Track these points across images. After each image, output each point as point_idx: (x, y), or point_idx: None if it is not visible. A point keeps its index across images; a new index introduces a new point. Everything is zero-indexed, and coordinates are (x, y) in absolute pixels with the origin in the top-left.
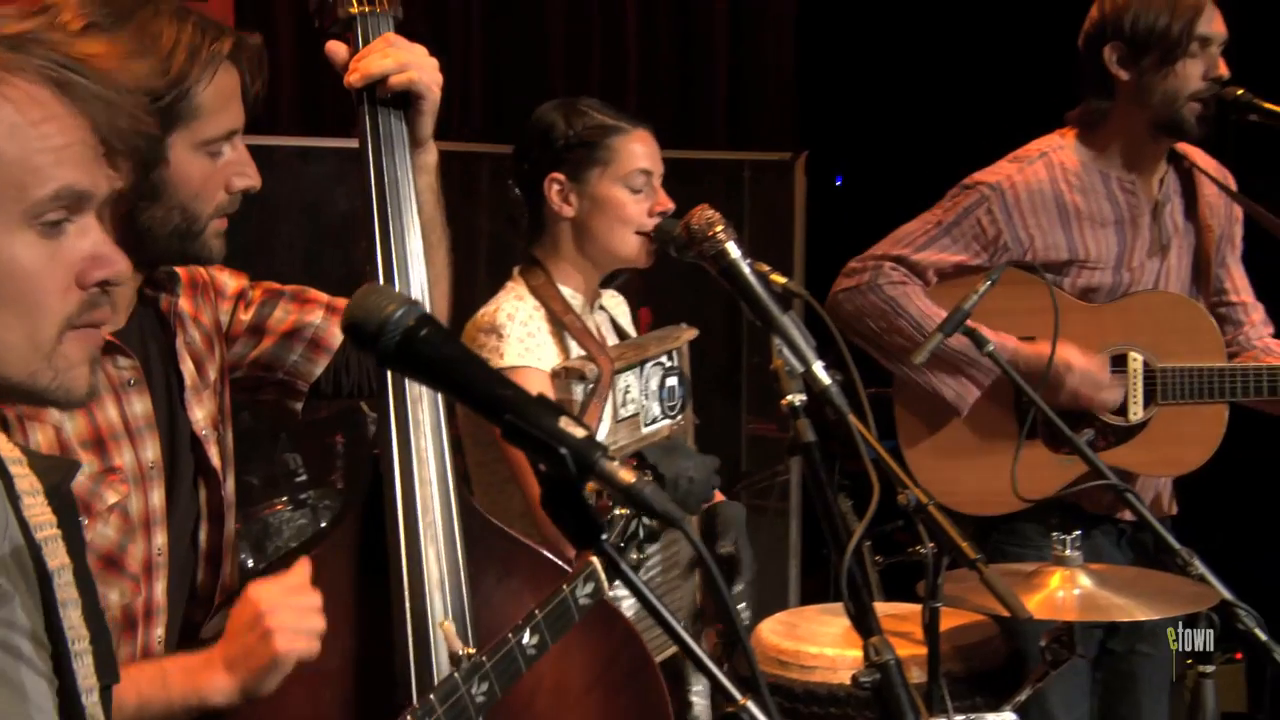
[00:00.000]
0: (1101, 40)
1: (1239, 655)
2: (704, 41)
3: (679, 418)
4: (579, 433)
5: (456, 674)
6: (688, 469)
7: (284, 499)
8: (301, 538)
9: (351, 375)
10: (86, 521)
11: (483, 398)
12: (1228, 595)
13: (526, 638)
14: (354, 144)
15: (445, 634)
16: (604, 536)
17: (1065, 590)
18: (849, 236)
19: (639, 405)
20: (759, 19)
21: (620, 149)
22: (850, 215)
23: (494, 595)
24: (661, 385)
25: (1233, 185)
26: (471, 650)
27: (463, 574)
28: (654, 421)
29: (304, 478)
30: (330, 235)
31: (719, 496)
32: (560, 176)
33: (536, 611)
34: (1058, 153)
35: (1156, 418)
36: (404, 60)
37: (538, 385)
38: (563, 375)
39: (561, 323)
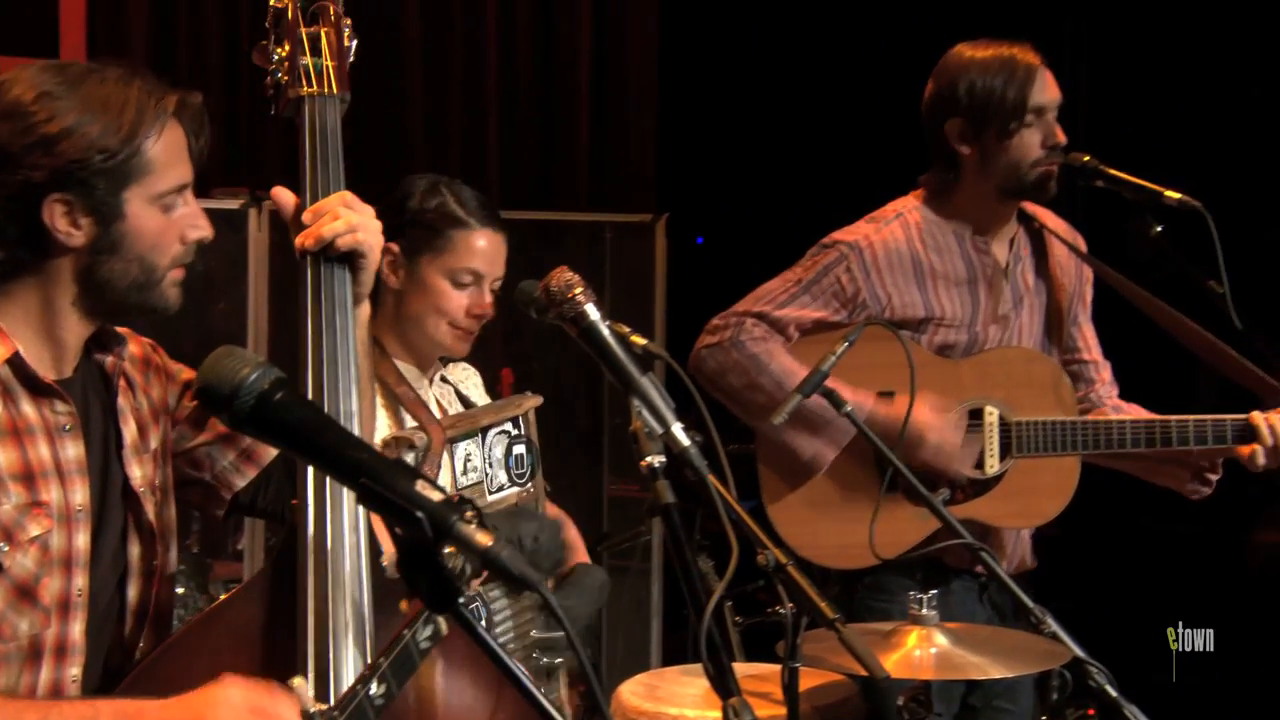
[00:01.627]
0: (942, 116)
1: (1091, 711)
2: (565, 103)
3: (528, 485)
4: (435, 496)
5: None
6: (531, 531)
7: None
8: None
9: (268, 495)
10: (7, 549)
11: (338, 462)
12: (1080, 653)
13: (374, 688)
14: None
15: (297, 690)
16: (460, 600)
17: (922, 649)
18: (710, 297)
19: (482, 473)
20: (621, 81)
21: (458, 242)
22: (711, 276)
23: None
24: (508, 453)
25: (1082, 246)
26: (323, 707)
27: (369, 628)
28: (500, 489)
29: None
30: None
31: (583, 558)
32: (394, 247)
33: (381, 660)
34: (913, 213)
35: (1012, 470)
36: (354, 222)
37: None
38: (393, 444)
39: (395, 394)
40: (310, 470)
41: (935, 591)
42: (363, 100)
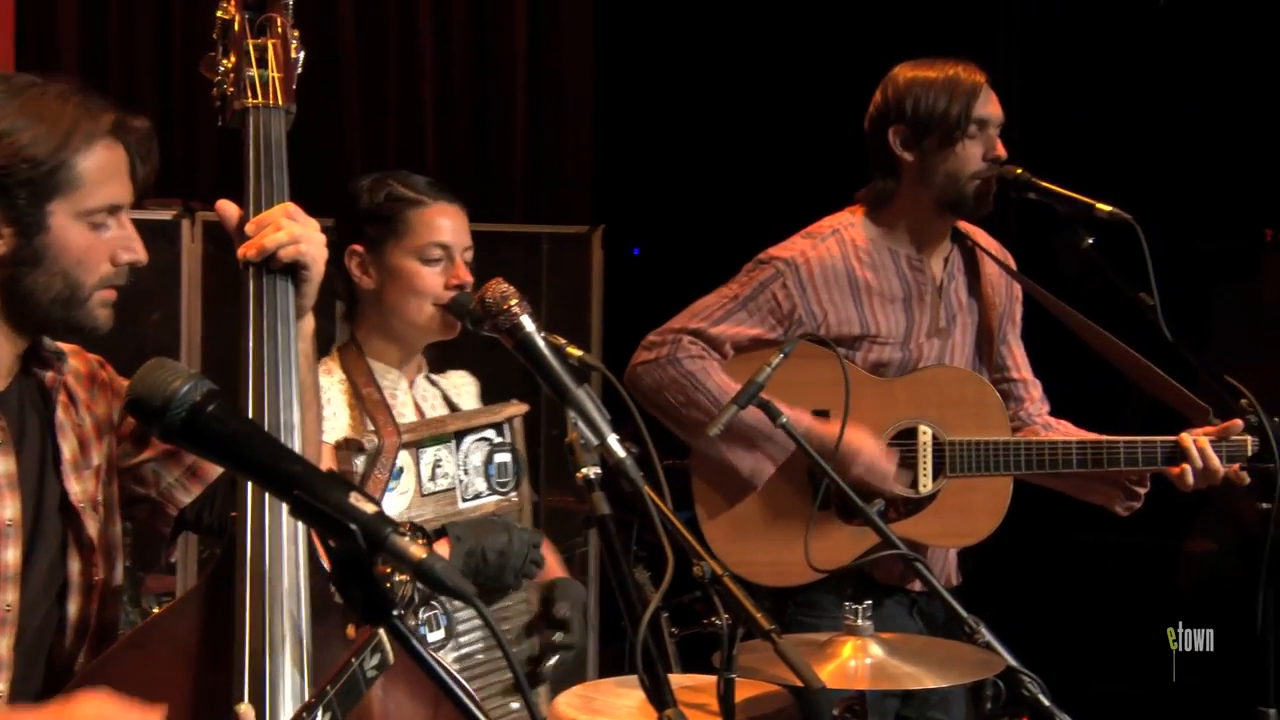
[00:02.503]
0: (885, 123)
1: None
2: (501, 113)
3: (511, 494)
4: (369, 508)
5: None
6: (498, 543)
7: None
8: None
9: (214, 512)
10: None
11: (271, 473)
12: (1012, 662)
13: (320, 716)
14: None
15: (241, 716)
16: (395, 612)
17: (857, 660)
18: (646, 309)
19: (455, 480)
20: (557, 92)
21: (416, 221)
22: (647, 288)
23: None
24: (489, 461)
25: (1013, 265)
26: None
27: (306, 644)
28: (476, 497)
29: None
30: None
31: (558, 572)
32: (359, 249)
33: (328, 689)
34: (849, 230)
35: (946, 490)
36: (296, 234)
37: (322, 459)
38: (344, 446)
39: (361, 395)
40: (246, 484)
41: (869, 602)
42: (298, 109)
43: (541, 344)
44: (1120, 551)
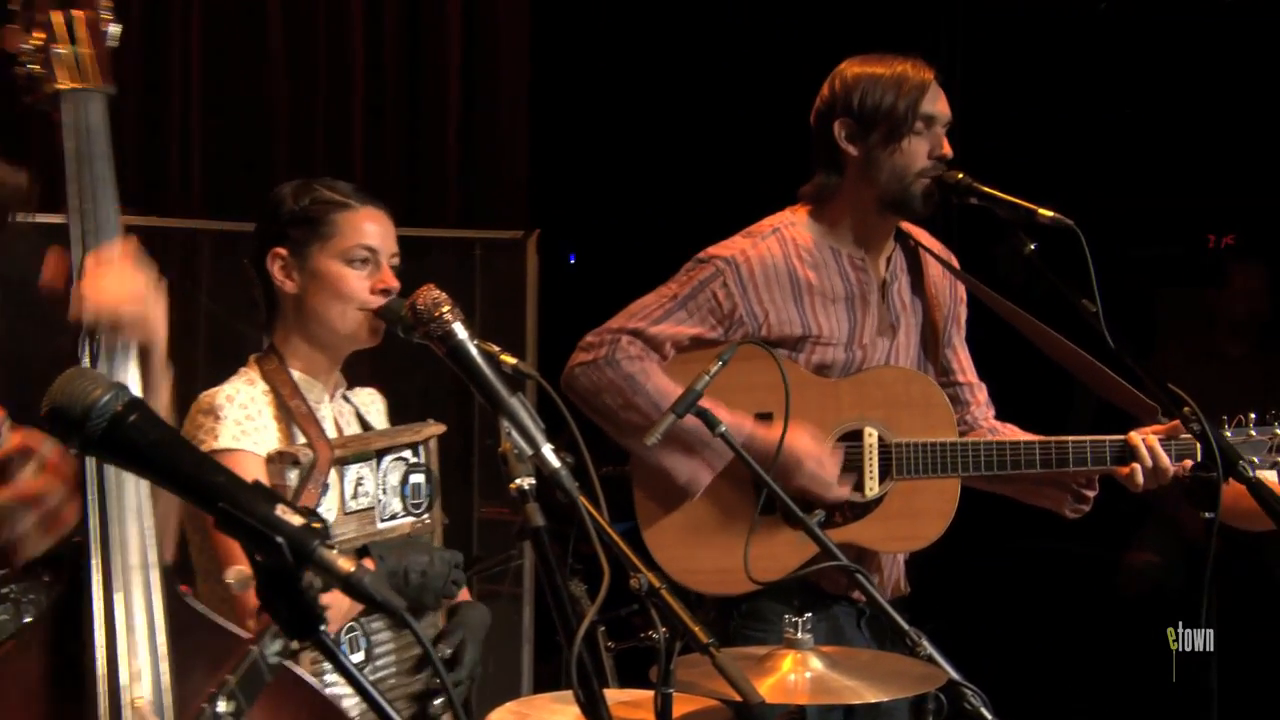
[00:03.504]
0: (831, 116)
1: None
2: (434, 114)
3: (425, 516)
4: (296, 520)
5: None
6: (419, 564)
7: None
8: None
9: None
10: None
11: (195, 485)
12: (955, 675)
13: (221, 706)
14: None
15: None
16: (321, 627)
17: (797, 673)
18: (582, 317)
19: (374, 499)
20: (491, 93)
21: (342, 224)
22: (583, 295)
23: (204, 688)
24: (404, 481)
25: (956, 264)
26: None
27: (165, 666)
28: (393, 517)
29: (4, 570)
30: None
31: (465, 595)
32: (282, 251)
33: (229, 677)
34: (790, 228)
35: (892, 493)
36: (126, 295)
37: (252, 470)
38: (277, 460)
39: (288, 408)
40: (91, 507)
41: (811, 615)
42: (223, 113)
43: (475, 352)
44: (1061, 560)
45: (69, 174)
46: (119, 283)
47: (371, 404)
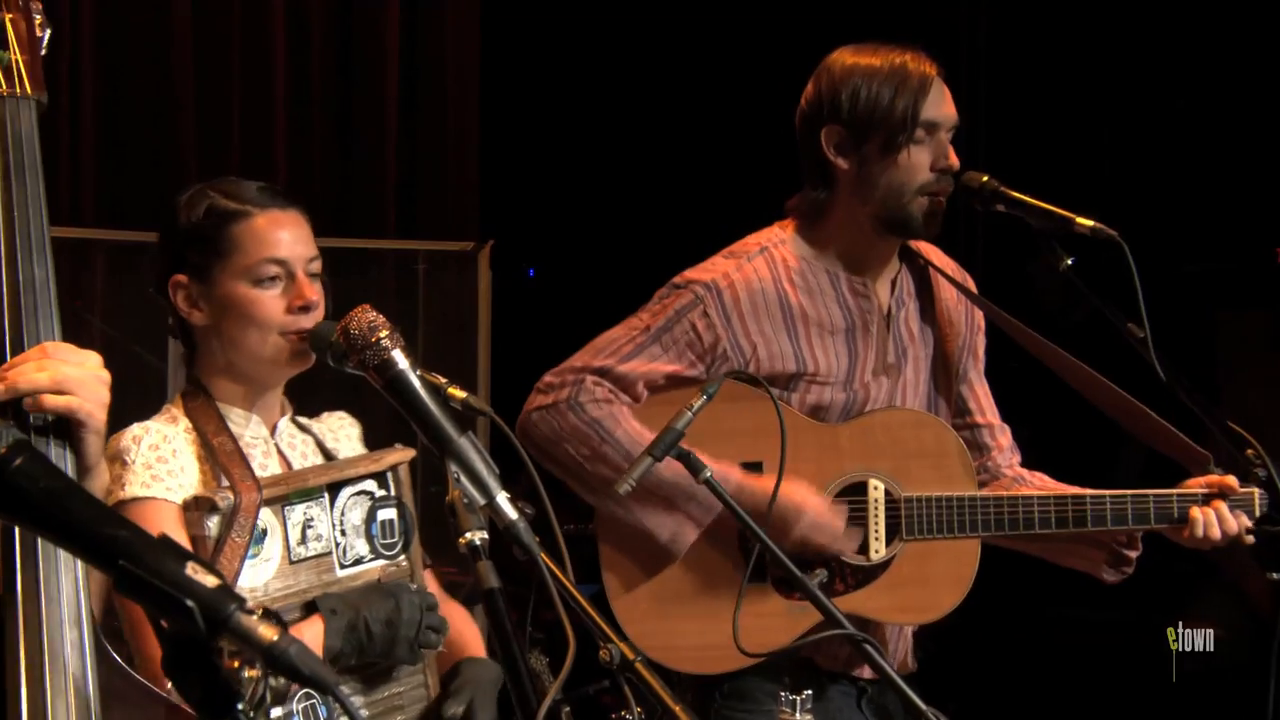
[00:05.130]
0: (819, 122)
1: None
2: (370, 112)
3: (400, 558)
4: (209, 581)
5: None
6: (382, 612)
7: None
8: None
9: None
10: None
11: (92, 541)
12: None
13: None
14: None
15: None
16: (239, 706)
17: None
18: (543, 342)
19: (330, 542)
20: (437, 84)
21: (243, 238)
22: (545, 316)
23: None
24: (370, 519)
25: (972, 287)
26: None
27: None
28: (357, 562)
29: None
30: None
31: (474, 649)
32: (183, 279)
33: None
34: (779, 248)
35: (901, 556)
36: (61, 378)
37: (166, 520)
38: (193, 507)
39: (211, 446)
40: (19, 558)
41: (809, 692)
42: (122, 109)
43: (417, 384)
44: (1102, 631)
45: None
46: (49, 359)
47: (340, 429)
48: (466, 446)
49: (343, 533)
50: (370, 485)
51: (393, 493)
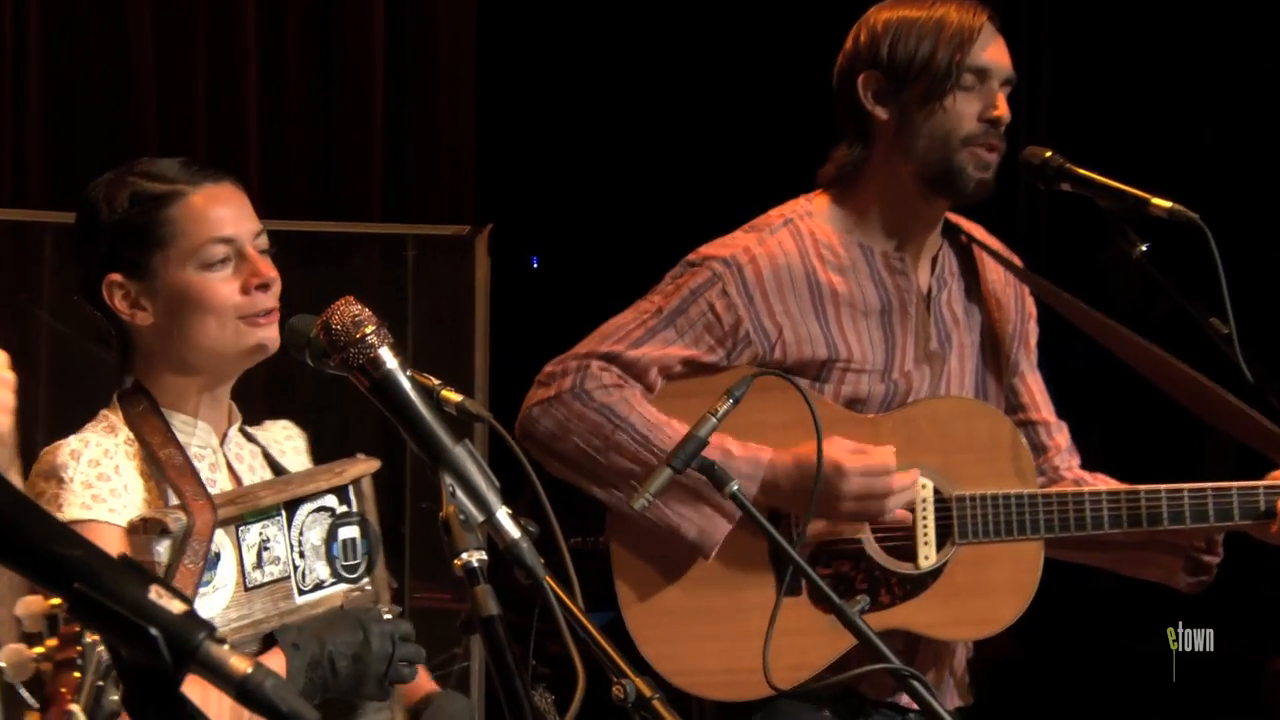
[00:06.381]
0: (855, 71)
1: None
2: (352, 80)
3: (363, 581)
4: (175, 607)
5: None
6: (349, 645)
7: None
8: None
9: None
10: None
11: (43, 562)
12: None
13: None
14: None
15: None
16: None
17: None
18: (548, 339)
19: (289, 566)
20: (429, 55)
21: (180, 220)
22: (550, 310)
23: None
24: (331, 538)
25: (1019, 264)
26: None
27: None
28: (317, 587)
29: None
30: None
31: (428, 685)
32: (118, 278)
33: None
34: (806, 220)
35: (954, 562)
36: None
37: (110, 546)
38: (140, 530)
39: (156, 460)
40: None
41: None
42: (72, 81)
43: (407, 386)
44: (1183, 664)
45: None
46: None
47: (286, 440)
48: (463, 456)
49: (301, 554)
50: (330, 501)
51: (355, 508)
